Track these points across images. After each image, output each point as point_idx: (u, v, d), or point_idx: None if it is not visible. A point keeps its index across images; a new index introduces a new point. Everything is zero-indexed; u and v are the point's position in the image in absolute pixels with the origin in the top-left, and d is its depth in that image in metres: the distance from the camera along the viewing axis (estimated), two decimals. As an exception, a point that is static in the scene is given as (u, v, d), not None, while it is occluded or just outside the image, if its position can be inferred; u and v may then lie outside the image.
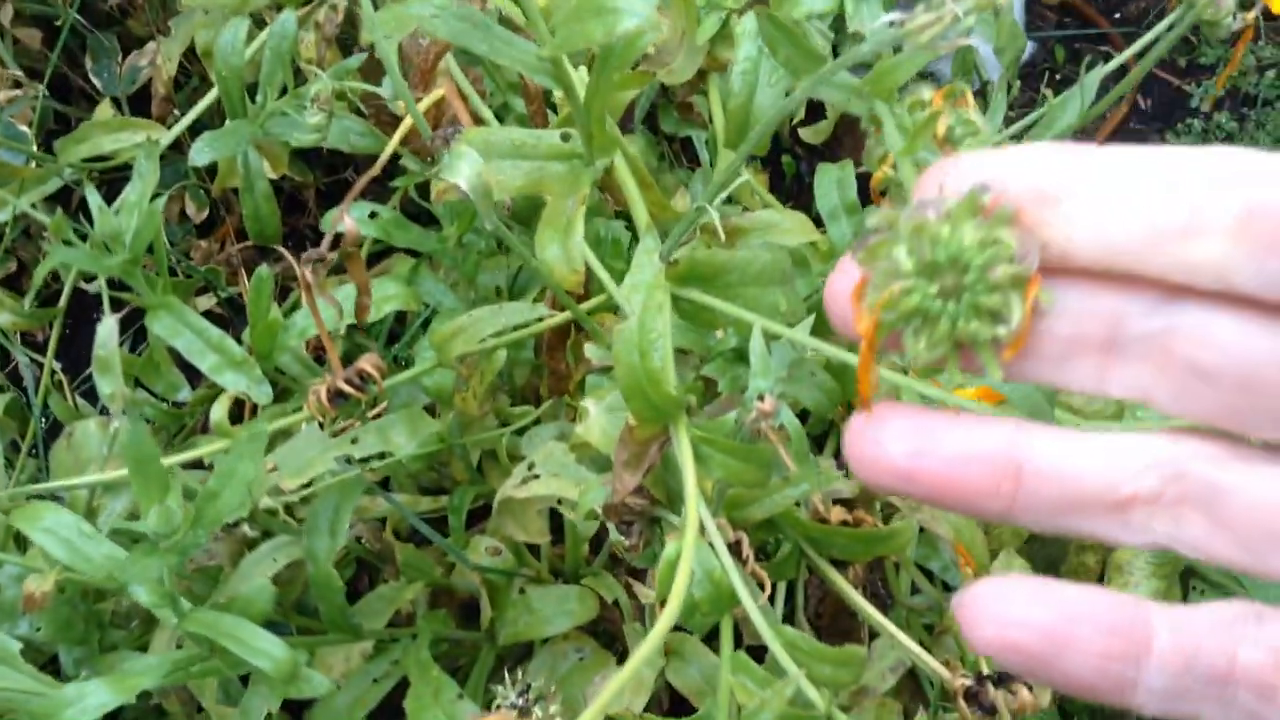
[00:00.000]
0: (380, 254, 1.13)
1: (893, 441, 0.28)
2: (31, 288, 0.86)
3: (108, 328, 0.69)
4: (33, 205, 0.92)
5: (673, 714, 0.93)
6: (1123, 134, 1.41)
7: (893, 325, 0.27)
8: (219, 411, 0.64)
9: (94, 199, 0.70)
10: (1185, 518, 0.28)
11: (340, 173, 1.28)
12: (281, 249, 1.03)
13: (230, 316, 1.18)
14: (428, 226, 0.96)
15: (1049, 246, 0.26)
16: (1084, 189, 0.26)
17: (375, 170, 0.66)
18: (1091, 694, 0.28)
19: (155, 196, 0.76)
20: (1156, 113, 1.41)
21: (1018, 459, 0.28)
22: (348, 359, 1.03)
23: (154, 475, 0.51)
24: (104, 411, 1.02)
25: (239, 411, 1.06)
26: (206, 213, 1.17)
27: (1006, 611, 0.28)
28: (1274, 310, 0.26)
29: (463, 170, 0.48)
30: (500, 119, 0.85)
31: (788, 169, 1.35)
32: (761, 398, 0.52)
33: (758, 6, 0.70)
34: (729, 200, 0.90)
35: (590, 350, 0.61)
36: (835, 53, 0.96)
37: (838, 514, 0.64)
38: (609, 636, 0.92)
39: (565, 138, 0.62)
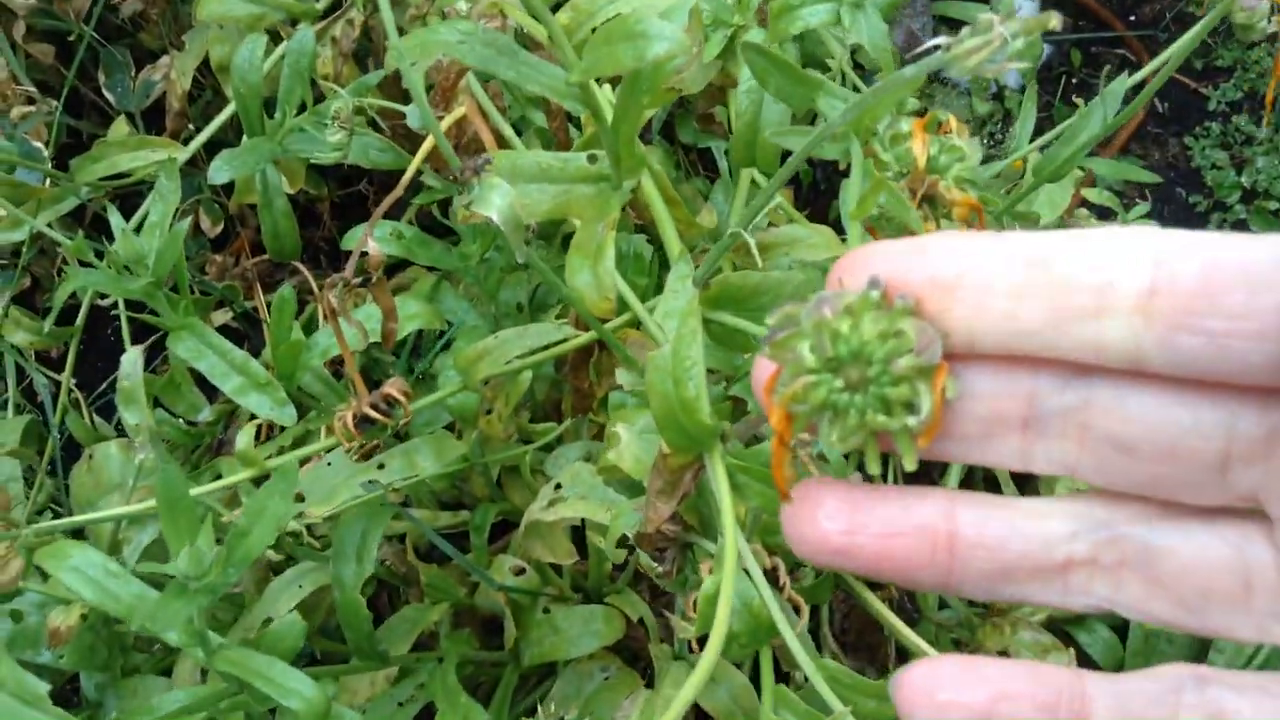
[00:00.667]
0: (394, 266, 1.12)
1: (827, 520, 0.29)
2: (52, 310, 0.85)
3: (132, 359, 0.69)
4: (48, 224, 0.91)
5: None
6: (1140, 138, 1.40)
7: (807, 417, 0.28)
8: (244, 440, 0.64)
9: (116, 220, 0.69)
10: (1124, 580, 0.28)
11: (354, 185, 1.28)
12: (298, 264, 1.02)
13: (246, 331, 1.18)
14: (443, 239, 0.95)
15: (953, 335, 0.26)
16: (985, 277, 0.26)
17: (399, 191, 0.66)
18: None
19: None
20: (1173, 116, 1.40)
21: (949, 530, 0.29)
22: (366, 374, 1.02)
23: (185, 516, 0.50)
24: (123, 432, 1.02)
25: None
26: (221, 227, 1.17)
27: (941, 694, 0.28)
28: (1186, 383, 0.26)
29: (495, 202, 0.47)
30: (519, 132, 0.84)
31: (804, 177, 1.34)
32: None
33: (746, 41, 0.69)
34: (751, 213, 0.89)
35: (622, 376, 0.61)
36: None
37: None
38: (632, 654, 0.91)
39: (592, 159, 0.62)
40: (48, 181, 0.98)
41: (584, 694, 0.84)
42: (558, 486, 0.73)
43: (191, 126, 1.11)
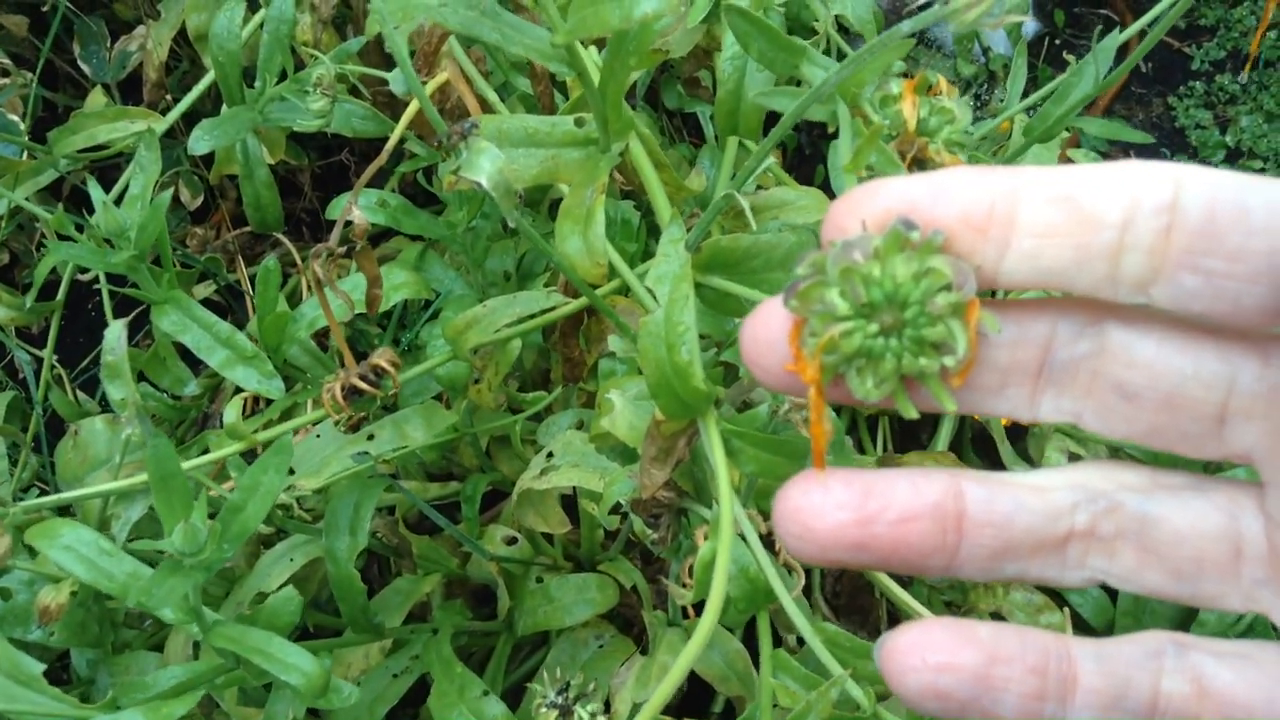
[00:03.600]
0: (377, 237, 1.11)
1: (836, 510, 0.27)
2: (34, 285, 0.84)
3: (116, 333, 0.68)
4: (26, 198, 0.90)
5: (692, 698, 0.92)
6: (1124, 98, 1.39)
7: (835, 366, 0.27)
8: (232, 413, 0.63)
9: (97, 193, 0.68)
10: (1118, 551, 0.28)
11: (334, 155, 1.26)
12: (279, 236, 1.01)
13: (228, 304, 1.17)
14: (426, 208, 0.94)
15: (981, 271, 0.26)
16: (1017, 213, 0.26)
17: (383, 158, 0.65)
18: None
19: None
20: (1157, 76, 1.40)
21: (958, 509, 0.28)
22: (352, 346, 1.01)
23: (178, 492, 0.50)
24: (106, 407, 1.01)
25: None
26: (201, 199, 1.15)
27: (933, 657, 0.27)
28: (1192, 329, 0.26)
29: (484, 167, 0.46)
30: (502, 99, 0.83)
31: (789, 142, 1.33)
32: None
33: (729, 3, 0.68)
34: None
35: (614, 343, 0.60)
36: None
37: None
38: (626, 622, 0.91)
39: (579, 123, 0.61)
40: (24, 155, 0.97)
41: (579, 661, 0.84)
42: (550, 455, 0.73)
43: (169, 97, 1.09)
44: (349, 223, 0.65)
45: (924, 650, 0.27)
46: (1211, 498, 0.28)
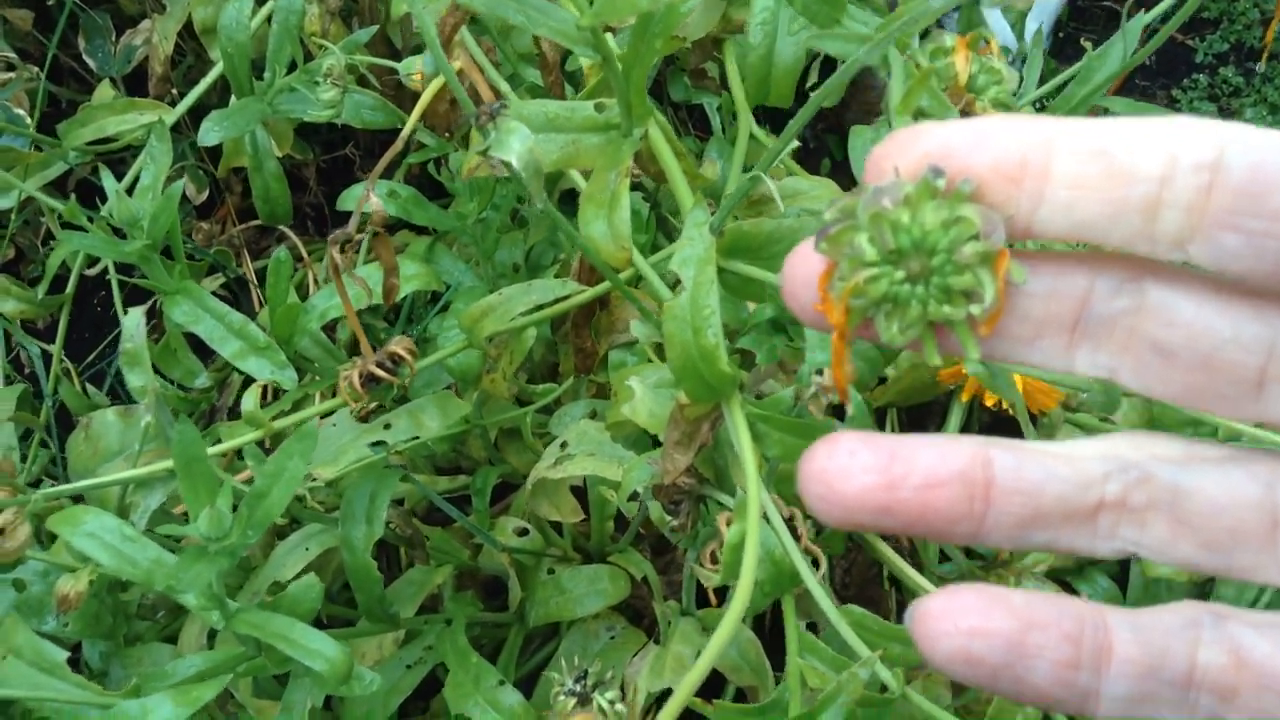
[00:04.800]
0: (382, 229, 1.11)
1: (864, 473, 0.27)
2: (44, 277, 0.84)
3: (135, 320, 0.67)
4: (35, 191, 0.89)
5: (708, 689, 0.92)
6: (1127, 91, 1.40)
7: (863, 311, 0.27)
8: (251, 401, 0.63)
9: (109, 182, 0.67)
10: (1149, 522, 0.28)
11: (340, 149, 1.26)
12: (285, 230, 1.01)
13: (234, 297, 1.16)
14: (433, 200, 0.94)
15: (1013, 221, 0.26)
16: (1052, 164, 0.25)
17: (399, 146, 0.65)
18: (1051, 704, 0.28)
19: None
20: (1160, 69, 1.40)
21: (986, 477, 0.28)
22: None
23: (203, 477, 0.49)
24: (115, 400, 1.00)
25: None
26: (206, 194, 1.15)
27: (966, 621, 0.27)
28: (1233, 291, 0.26)
29: (514, 147, 0.46)
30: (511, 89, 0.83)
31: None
32: (820, 372, 0.51)
33: None
34: (748, 168, 0.89)
35: (636, 328, 0.60)
36: None
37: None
38: (636, 613, 0.91)
39: (599, 109, 0.61)
40: (32, 147, 0.96)
41: (591, 652, 0.84)
42: (564, 445, 0.73)
43: (174, 91, 1.09)
44: (364, 212, 0.64)
45: (956, 615, 0.27)
46: (1247, 468, 0.27)
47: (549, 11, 0.53)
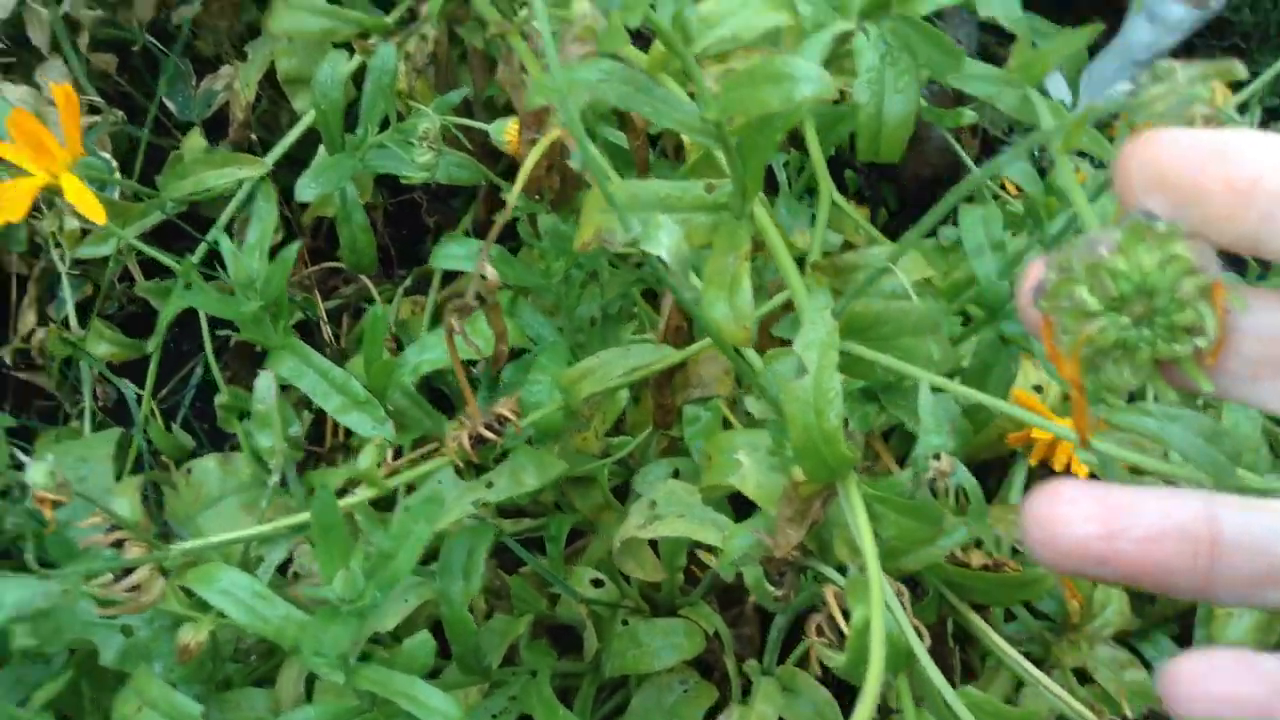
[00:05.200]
0: (451, 275, 1.13)
1: (1082, 523, 0.28)
2: (156, 332, 0.86)
3: (266, 384, 0.70)
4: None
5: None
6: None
7: (1090, 360, 0.28)
8: (367, 460, 0.65)
9: (226, 244, 0.70)
10: None
11: (406, 193, 1.28)
12: (364, 278, 1.03)
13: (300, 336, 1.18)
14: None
15: (1239, 242, 0.26)
16: None
17: (508, 214, 0.67)
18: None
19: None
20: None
21: (1211, 533, 0.28)
22: (438, 392, 1.03)
23: (337, 541, 0.52)
24: (202, 443, 1.02)
25: (319, 432, 1.07)
26: (280, 237, 1.17)
27: (1218, 687, 0.27)
28: None
29: (664, 241, 0.48)
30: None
31: (850, 184, 1.35)
32: (937, 456, 0.52)
33: (884, 13, 0.70)
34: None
35: (751, 404, 0.62)
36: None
37: (977, 558, 0.65)
38: (706, 666, 0.93)
39: (708, 189, 0.63)
40: (118, 193, 0.99)
41: (665, 706, 0.85)
42: (652, 504, 0.74)
43: (253, 136, 1.11)
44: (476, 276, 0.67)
45: (1209, 679, 0.27)
46: None
47: (674, 104, 0.55)
